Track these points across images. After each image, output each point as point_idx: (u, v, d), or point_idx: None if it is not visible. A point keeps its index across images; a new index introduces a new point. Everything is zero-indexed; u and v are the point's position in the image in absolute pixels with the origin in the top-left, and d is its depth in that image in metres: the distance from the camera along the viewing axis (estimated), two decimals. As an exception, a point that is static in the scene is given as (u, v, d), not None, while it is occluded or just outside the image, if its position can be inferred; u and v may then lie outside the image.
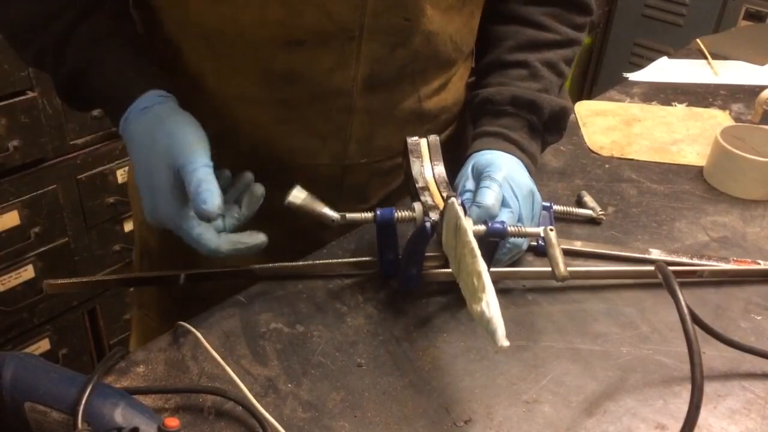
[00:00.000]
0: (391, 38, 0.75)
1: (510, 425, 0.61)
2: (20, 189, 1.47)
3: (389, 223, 0.71)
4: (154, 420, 0.54)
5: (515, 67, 0.85)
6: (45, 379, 0.55)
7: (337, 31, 0.72)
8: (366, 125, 0.80)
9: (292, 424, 0.60)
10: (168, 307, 0.95)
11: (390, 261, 0.75)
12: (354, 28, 0.72)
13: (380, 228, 0.72)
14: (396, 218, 0.71)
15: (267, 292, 0.75)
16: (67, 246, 1.60)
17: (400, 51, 0.76)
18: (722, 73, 1.38)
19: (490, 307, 0.55)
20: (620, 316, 0.74)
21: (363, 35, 0.73)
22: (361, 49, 0.74)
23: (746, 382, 0.67)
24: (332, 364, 0.67)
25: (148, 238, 0.95)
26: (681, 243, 0.86)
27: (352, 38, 0.73)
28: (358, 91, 0.77)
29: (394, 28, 0.74)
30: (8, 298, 1.53)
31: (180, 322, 0.68)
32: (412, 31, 0.75)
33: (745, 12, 2.49)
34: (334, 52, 0.74)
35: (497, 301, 0.56)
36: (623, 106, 1.22)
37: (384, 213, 0.71)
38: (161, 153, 0.67)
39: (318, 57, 0.74)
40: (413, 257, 0.72)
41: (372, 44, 0.74)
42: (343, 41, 0.73)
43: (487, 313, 0.55)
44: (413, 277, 0.74)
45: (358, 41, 0.73)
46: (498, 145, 0.81)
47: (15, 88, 1.39)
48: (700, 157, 1.05)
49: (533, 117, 0.84)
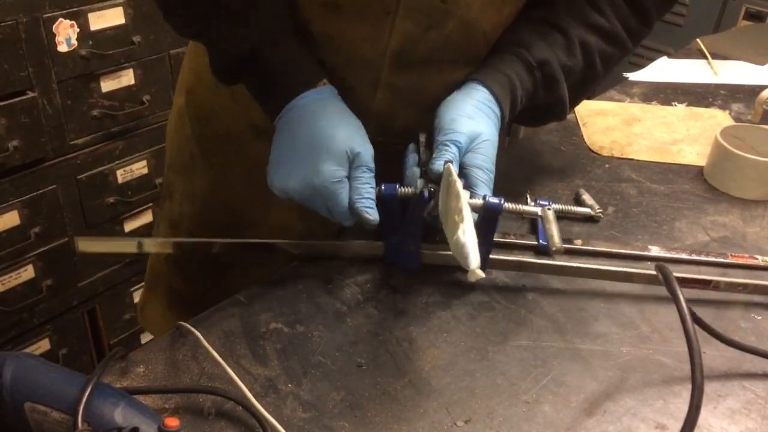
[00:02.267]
0: (425, 19, 0.75)
1: (510, 425, 0.61)
2: (20, 189, 1.46)
3: (392, 198, 0.73)
4: (154, 420, 0.54)
5: (555, 30, 0.82)
6: (45, 379, 0.55)
7: (373, 2, 0.73)
8: (389, 102, 0.81)
9: (292, 424, 0.60)
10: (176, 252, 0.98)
11: (393, 245, 0.76)
12: (391, 2, 0.73)
13: (384, 204, 0.73)
14: (399, 194, 0.73)
15: (267, 292, 0.75)
16: (67, 246, 1.59)
17: (433, 33, 0.77)
18: (722, 73, 1.38)
19: (465, 234, 0.58)
20: (620, 315, 0.74)
21: (399, 11, 0.74)
22: (395, 24, 0.75)
23: (746, 382, 0.67)
24: (332, 364, 0.67)
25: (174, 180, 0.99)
26: (681, 243, 0.86)
27: (388, 12, 0.74)
28: (387, 66, 0.78)
29: (430, 8, 0.75)
30: (8, 298, 1.53)
31: (180, 322, 0.68)
32: (447, 14, 0.76)
33: (745, 12, 2.48)
34: (369, 23, 0.75)
35: (474, 232, 0.59)
36: (623, 106, 1.22)
37: (388, 188, 0.73)
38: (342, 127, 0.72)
39: (353, 25, 0.75)
40: (412, 227, 0.73)
41: (406, 21, 0.75)
42: (379, 14, 0.74)
43: (461, 239, 0.58)
44: (412, 254, 0.75)
45: (393, 16, 0.74)
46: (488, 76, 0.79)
47: (15, 88, 1.39)
48: (700, 157, 1.05)
49: (542, 92, 0.82)
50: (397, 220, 0.75)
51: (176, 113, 0.97)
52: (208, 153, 0.92)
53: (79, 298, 1.68)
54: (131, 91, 1.58)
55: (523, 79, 0.80)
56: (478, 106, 0.77)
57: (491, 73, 0.79)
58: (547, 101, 0.83)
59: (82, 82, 1.50)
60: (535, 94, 0.82)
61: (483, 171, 0.73)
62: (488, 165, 0.74)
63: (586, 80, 0.85)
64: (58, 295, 1.62)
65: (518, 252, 0.83)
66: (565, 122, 1.15)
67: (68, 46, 1.43)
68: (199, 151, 0.93)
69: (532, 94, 0.81)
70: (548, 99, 0.83)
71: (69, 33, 1.42)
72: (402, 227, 0.75)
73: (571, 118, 1.16)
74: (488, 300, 0.75)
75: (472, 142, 0.74)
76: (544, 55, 0.80)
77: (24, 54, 1.37)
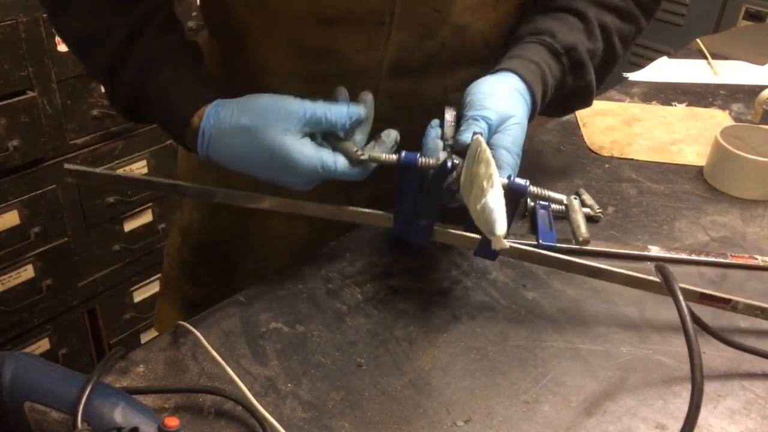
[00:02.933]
0: (420, 28, 0.76)
1: (510, 425, 0.61)
2: (20, 189, 1.47)
3: (412, 166, 0.68)
4: (154, 420, 0.54)
5: (572, 15, 0.80)
6: (45, 379, 0.55)
7: (367, 14, 0.73)
8: (389, 109, 0.81)
9: (291, 424, 0.60)
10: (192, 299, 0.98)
11: (404, 219, 0.72)
12: (384, 14, 0.74)
13: (402, 172, 0.69)
14: (420, 164, 0.68)
15: (267, 291, 0.75)
16: (66, 246, 1.60)
17: (429, 41, 0.77)
18: (722, 73, 1.38)
19: (495, 198, 0.56)
20: (620, 315, 0.74)
21: (393, 22, 0.74)
22: (391, 35, 0.75)
23: (746, 382, 0.67)
24: (332, 363, 0.67)
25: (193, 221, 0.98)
26: (681, 243, 0.86)
27: (382, 23, 0.74)
28: (384, 75, 0.78)
29: (423, 18, 0.75)
30: (8, 298, 1.53)
31: (180, 322, 0.69)
32: (441, 23, 0.76)
33: (745, 12, 2.49)
34: (364, 35, 0.75)
35: (503, 200, 0.57)
36: (623, 106, 1.22)
37: (408, 155, 0.68)
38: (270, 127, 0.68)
39: (348, 37, 0.75)
40: (428, 200, 0.69)
41: (401, 32, 0.75)
42: (374, 25, 0.74)
43: (489, 203, 0.56)
44: (423, 229, 0.72)
45: (389, 27, 0.75)
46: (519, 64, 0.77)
47: (15, 87, 1.39)
48: (700, 157, 1.05)
49: (570, 78, 0.80)
50: (414, 192, 0.70)
51: None
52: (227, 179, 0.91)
53: (79, 297, 1.68)
54: (131, 91, 1.58)
55: (552, 66, 0.78)
56: (510, 91, 0.74)
57: (521, 62, 0.77)
58: (574, 87, 0.82)
59: (82, 82, 1.50)
60: (563, 81, 0.80)
61: (510, 154, 0.70)
62: (516, 149, 0.71)
63: (608, 62, 0.84)
64: (57, 295, 1.62)
65: (518, 252, 0.83)
66: (565, 122, 1.15)
67: (68, 45, 1.43)
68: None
69: (561, 81, 0.79)
70: (576, 85, 0.81)
71: (69, 33, 1.42)
72: (417, 199, 0.70)
73: (570, 118, 1.16)
74: (488, 300, 0.75)
75: (503, 123, 0.71)
76: (570, 40, 0.78)
77: (24, 54, 1.37)
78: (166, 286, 1.09)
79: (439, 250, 0.82)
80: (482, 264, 0.80)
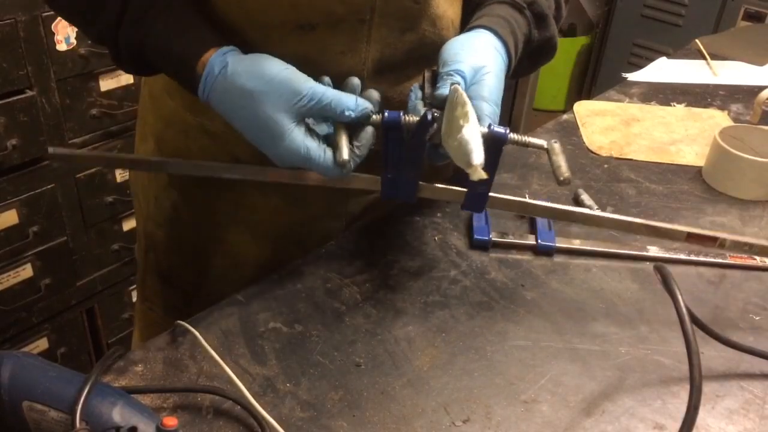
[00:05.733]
0: (400, 22, 0.76)
1: (508, 425, 0.61)
2: (19, 188, 1.46)
3: (395, 125, 0.69)
4: (153, 419, 0.54)
5: None
6: (43, 378, 0.55)
7: (347, 14, 0.73)
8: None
9: (290, 424, 0.60)
10: (172, 301, 0.96)
11: (391, 177, 0.72)
12: (365, 11, 0.73)
13: (386, 131, 0.70)
14: (403, 121, 0.69)
15: (265, 291, 0.75)
16: (65, 245, 1.59)
17: (409, 35, 0.77)
18: (721, 73, 1.38)
19: (470, 131, 0.58)
20: (619, 316, 0.74)
21: (374, 19, 0.74)
22: (372, 32, 0.75)
23: (744, 382, 0.67)
24: (331, 363, 0.67)
25: (154, 232, 0.95)
26: (680, 243, 0.86)
27: (362, 21, 0.74)
28: (369, 75, 0.78)
29: (403, 11, 0.75)
30: (6, 297, 1.53)
31: (178, 321, 0.68)
32: (420, 14, 0.76)
33: (745, 12, 2.49)
34: (345, 36, 0.75)
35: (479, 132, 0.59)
36: (622, 107, 1.22)
37: (392, 114, 0.69)
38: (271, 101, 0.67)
39: (329, 41, 0.75)
40: (412, 154, 0.70)
41: (382, 28, 0.75)
42: (354, 24, 0.74)
43: (465, 136, 0.57)
44: (410, 185, 0.72)
45: (369, 24, 0.74)
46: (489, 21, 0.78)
47: (14, 86, 1.39)
48: (699, 158, 1.05)
49: (535, 32, 0.81)
50: (399, 151, 0.71)
51: None
52: (191, 198, 0.89)
53: (78, 297, 1.68)
54: (130, 91, 1.58)
55: (519, 20, 0.79)
56: (483, 44, 0.74)
57: (490, 18, 0.78)
58: (540, 41, 0.83)
59: (81, 81, 1.49)
60: (530, 35, 0.81)
61: (488, 103, 0.70)
62: (494, 97, 0.70)
63: (557, 18, 0.86)
64: (56, 294, 1.62)
65: (517, 251, 0.83)
66: (564, 122, 1.15)
67: (67, 44, 1.43)
68: (181, 199, 0.89)
69: (527, 35, 0.81)
70: (541, 37, 0.83)
71: (68, 32, 1.42)
72: (402, 157, 0.71)
73: (570, 118, 1.16)
74: (487, 299, 0.75)
75: (476, 74, 0.71)
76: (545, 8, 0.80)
77: (23, 53, 1.37)
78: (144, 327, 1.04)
79: (438, 249, 0.82)
80: (481, 264, 0.80)
